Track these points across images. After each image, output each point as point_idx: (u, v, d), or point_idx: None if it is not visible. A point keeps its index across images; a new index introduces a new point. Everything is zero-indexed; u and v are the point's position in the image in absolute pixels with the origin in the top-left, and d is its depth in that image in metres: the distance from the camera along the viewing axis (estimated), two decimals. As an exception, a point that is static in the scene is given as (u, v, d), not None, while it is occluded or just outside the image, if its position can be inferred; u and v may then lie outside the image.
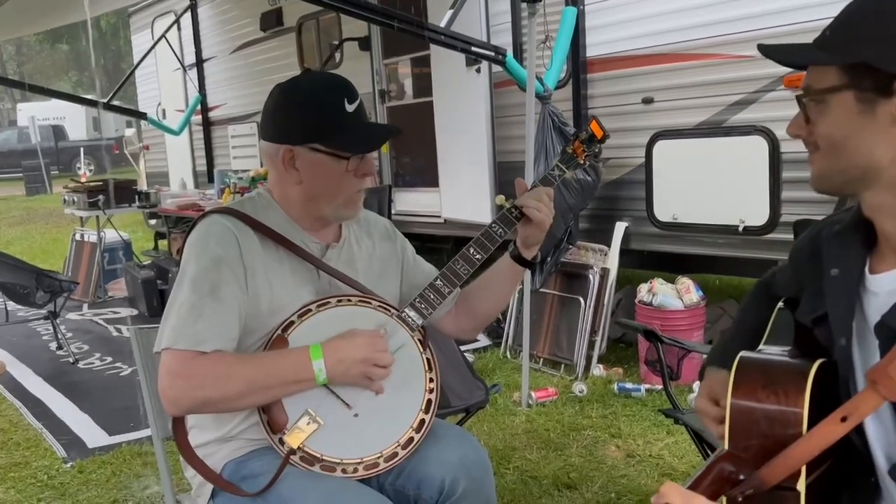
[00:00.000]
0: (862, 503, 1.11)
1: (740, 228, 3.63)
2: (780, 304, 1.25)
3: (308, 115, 1.51)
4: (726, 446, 1.08)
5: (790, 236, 3.36)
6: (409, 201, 5.77)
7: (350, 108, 1.51)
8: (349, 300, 1.55)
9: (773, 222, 3.52)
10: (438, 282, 1.60)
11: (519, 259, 1.67)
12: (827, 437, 0.99)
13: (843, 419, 0.98)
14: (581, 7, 4.22)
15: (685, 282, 3.90)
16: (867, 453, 1.08)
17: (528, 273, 3.53)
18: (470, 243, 1.62)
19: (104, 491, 3.00)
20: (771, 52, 1.10)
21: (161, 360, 1.43)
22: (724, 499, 1.05)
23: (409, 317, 1.57)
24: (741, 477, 1.05)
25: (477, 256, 1.61)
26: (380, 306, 1.57)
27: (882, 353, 1.02)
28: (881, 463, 1.08)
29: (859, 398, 0.99)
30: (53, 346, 5.04)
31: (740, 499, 1.04)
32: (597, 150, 1.71)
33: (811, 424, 1.03)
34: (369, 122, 1.61)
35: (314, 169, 1.52)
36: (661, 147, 3.96)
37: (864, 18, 1.01)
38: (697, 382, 3.54)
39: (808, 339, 1.15)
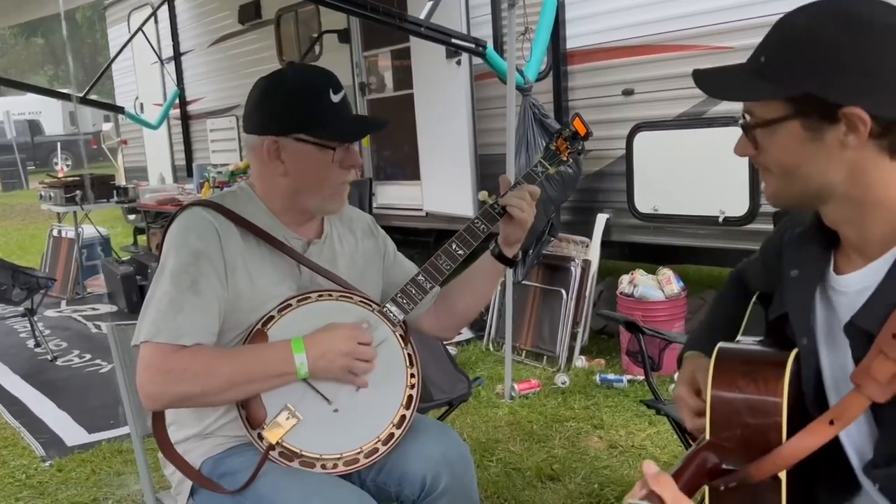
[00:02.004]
0: (840, 495, 1.12)
1: (720, 219, 3.65)
2: (755, 299, 1.26)
3: (294, 105, 1.50)
4: (707, 436, 1.09)
5: (770, 226, 3.37)
6: (391, 194, 5.75)
7: (335, 98, 1.50)
8: (330, 295, 1.54)
9: (753, 213, 3.54)
10: (420, 277, 1.59)
11: (500, 257, 1.66)
12: (816, 438, 1.00)
13: (832, 422, 1.00)
14: (561, -2, 4.22)
15: (666, 273, 3.92)
16: (840, 451, 1.09)
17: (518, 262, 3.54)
18: (452, 239, 1.61)
19: (84, 489, 2.96)
20: (708, 85, 1.08)
21: (140, 354, 1.40)
22: (706, 488, 1.05)
23: (391, 312, 1.56)
24: (724, 466, 1.05)
25: (459, 252, 1.60)
26: (361, 301, 1.55)
27: (853, 352, 1.03)
28: (854, 460, 1.09)
29: (846, 401, 1.00)
30: (31, 343, 4.97)
31: (722, 488, 1.05)
32: (580, 148, 1.71)
33: (790, 413, 1.04)
34: (354, 114, 1.60)
35: (300, 160, 1.50)
36: (641, 139, 3.97)
37: (801, 46, 0.98)
38: (678, 373, 3.59)
39: (781, 331, 1.16)
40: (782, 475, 1.02)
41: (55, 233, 6.88)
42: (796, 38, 0.99)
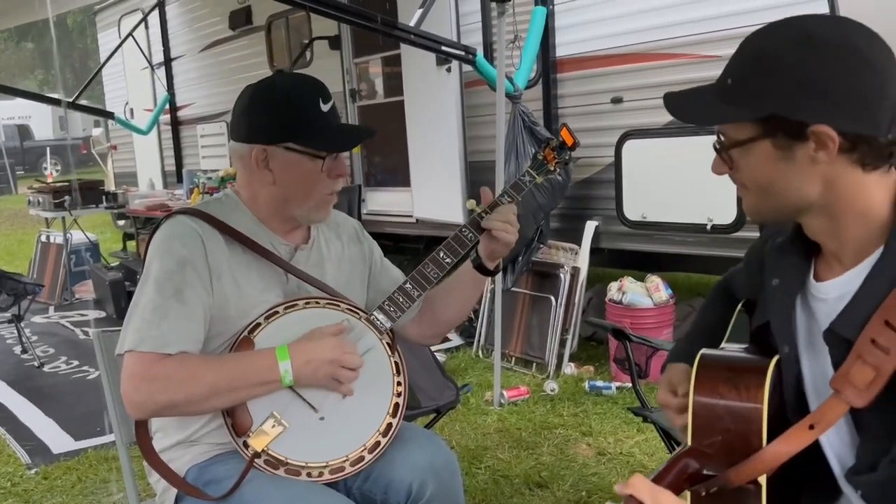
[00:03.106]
0: (822, 501, 1.13)
1: (708, 227, 3.66)
2: (740, 306, 1.27)
3: (283, 114, 1.50)
4: (689, 442, 1.10)
5: (757, 234, 3.38)
6: (381, 201, 5.75)
7: (325, 107, 1.51)
8: (317, 302, 1.54)
9: (740, 220, 3.56)
10: (408, 285, 1.59)
11: (481, 268, 1.66)
12: (795, 443, 1.01)
13: (811, 427, 1.01)
14: (551, 7, 4.24)
15: (654, 280, 3.94)
16: (821, 457, 1.10)
17: (499, 272, 3.55)
18: (440, 247, 1.61)
19: (69, 497, 2.94)
20: (677, 110, 1.11)
21: (124, 363, 1.40)
22: (687, 493, 1.06)
23: (378, 320, 1.55)
24: (705, 472, 1.06)
25: (447, 260, 1.60)
26: (348, 309, 1.55)
27: (833, 359, 1.04)
28: (836, 467, 1.10)
29: (825, 406, 1.01)
30: (18, 349, 4.94)
31: (703, 493, 1.06)
32: (567, 158, 1.72)
33: (769, 419, 1.05)
34: (343, 123, 1.61)
35: (289, 169, 1.50)
36: (630, 146, 3.99)
37: (765, 67, 1.00)
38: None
39: (765, 339, 1.17)
40: (762, 480, 1.04)
41: (43, 238, 6.84)
42: (759, 60, 1.01)
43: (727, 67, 1.06)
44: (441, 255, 1.60)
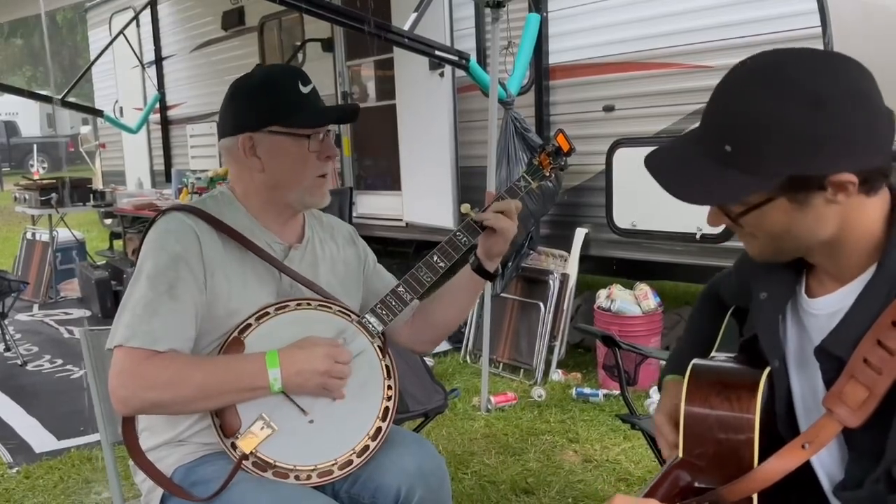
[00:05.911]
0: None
1: (698, 236, 3.67)
2: (730, 313, 1.27)
3: (263, 99, 1.51)
4: (681, 453, 1.09)
5: (746, 244, 3.41)
6: (371, 204, 5.74)
7: (305, 90, 1.51)
8: (309, 304, 1.53)
9: (728, 231, 3.57)
10: (401, 289, 1.58)
11: (480, 270, 1.65)
12: (788, 462, 1.02)
13: (804, 446, 1.01)
14: (544, 14, 4.25)
15: (643, 288, 3.95)
16: (811, 472, 1.10)
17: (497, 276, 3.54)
18: (434, 251, 1.60)
19: (51, 497, 2.91)
20: (678, 188, 1.05)
21: (113, 358, 1.39)
22: None
23: (370, 323, 1.54)
24: (696, 484, 1.06)
25: (440, 264, 1.59)
26: (340, 311, 1.54)
27: (824, 376, 1.04)
28: (825, 482, 1.10)
29: (818, 426, 1.01)
30: (1, 347, 4.88)
31: None
32: (562, 164, 1.72)
33: (762, 430, 1.05)
34: (326, 105, 1.59)
35: (276, 152, 1.51)
36: (621, 154, 4.00)
37: (772, 132, 0.95)
38: (655, 388, 3.61)
39: (754, 349, 1.17)
40: (753, 496, 1.03)
41: (29, 235, 6.79)
42: (762, 125, 0.96)
43: (717, 131, 1.01)
44: (435, 258, 1.59)
